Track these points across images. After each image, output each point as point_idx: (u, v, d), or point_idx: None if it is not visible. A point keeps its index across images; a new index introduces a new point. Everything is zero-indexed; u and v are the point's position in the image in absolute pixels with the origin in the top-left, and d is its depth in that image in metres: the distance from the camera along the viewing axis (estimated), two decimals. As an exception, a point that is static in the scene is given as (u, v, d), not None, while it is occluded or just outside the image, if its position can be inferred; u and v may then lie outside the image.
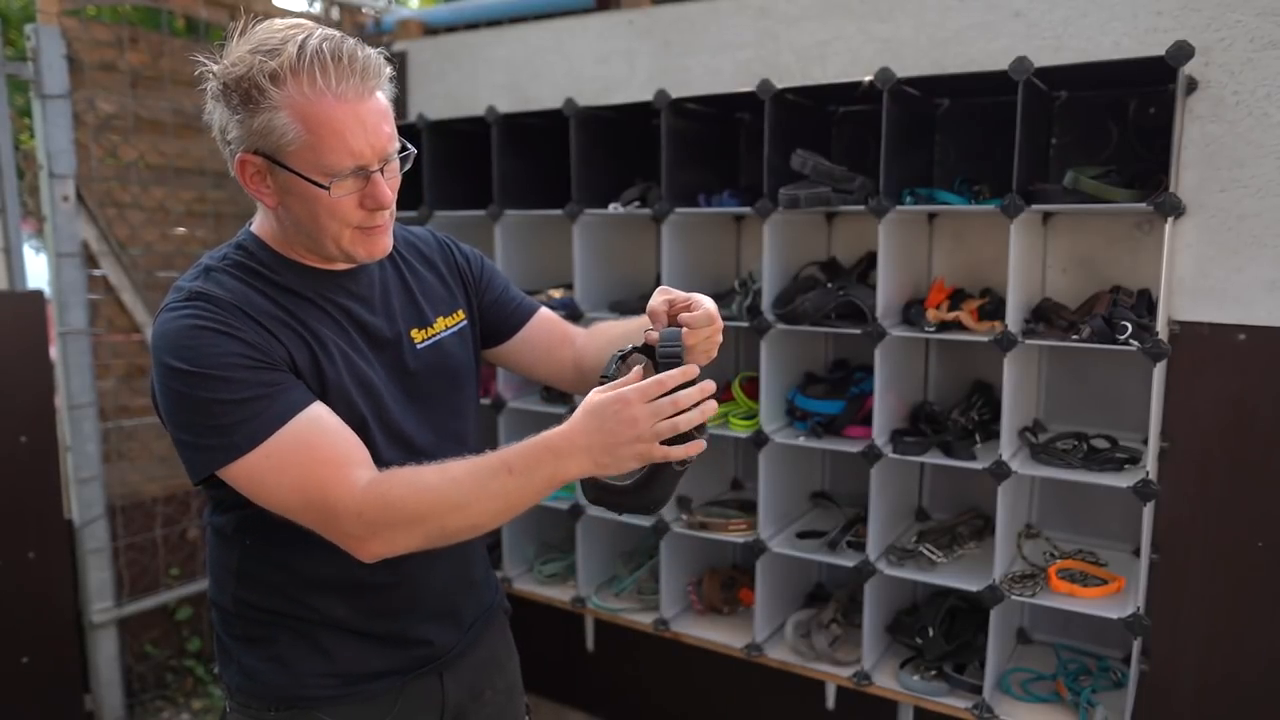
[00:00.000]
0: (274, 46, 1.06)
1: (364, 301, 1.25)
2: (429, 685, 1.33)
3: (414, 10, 3.92)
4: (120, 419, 2.94)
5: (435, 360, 1.31)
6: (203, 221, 3.11)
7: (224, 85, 1.09)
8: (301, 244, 1.19)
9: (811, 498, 2.50)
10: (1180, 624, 1.99)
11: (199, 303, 1.12)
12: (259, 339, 1.11)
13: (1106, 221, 2.09)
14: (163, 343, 1.11)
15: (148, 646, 3.07)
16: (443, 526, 1.10)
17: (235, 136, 1.10)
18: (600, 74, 2.61)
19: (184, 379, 1.08)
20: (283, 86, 1.06)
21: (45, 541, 2.63)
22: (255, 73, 1.06)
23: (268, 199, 1.14)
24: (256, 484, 1.10)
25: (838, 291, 2.11)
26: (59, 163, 2.63)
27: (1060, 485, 2.14)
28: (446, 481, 1.09)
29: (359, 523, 1.08)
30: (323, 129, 1.07)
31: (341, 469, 1.10)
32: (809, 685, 2.32)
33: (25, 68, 2.57)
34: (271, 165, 1.10)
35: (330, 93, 1.07)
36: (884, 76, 1.94)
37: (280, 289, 1.18)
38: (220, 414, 1.07)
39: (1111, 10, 1.96)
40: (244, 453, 1.08)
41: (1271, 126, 1.81)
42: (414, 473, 1.10)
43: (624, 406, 1.05)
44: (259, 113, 1.07)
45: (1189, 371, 1.91)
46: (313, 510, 1.10)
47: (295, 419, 1.09)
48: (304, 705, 1.25)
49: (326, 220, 1.13)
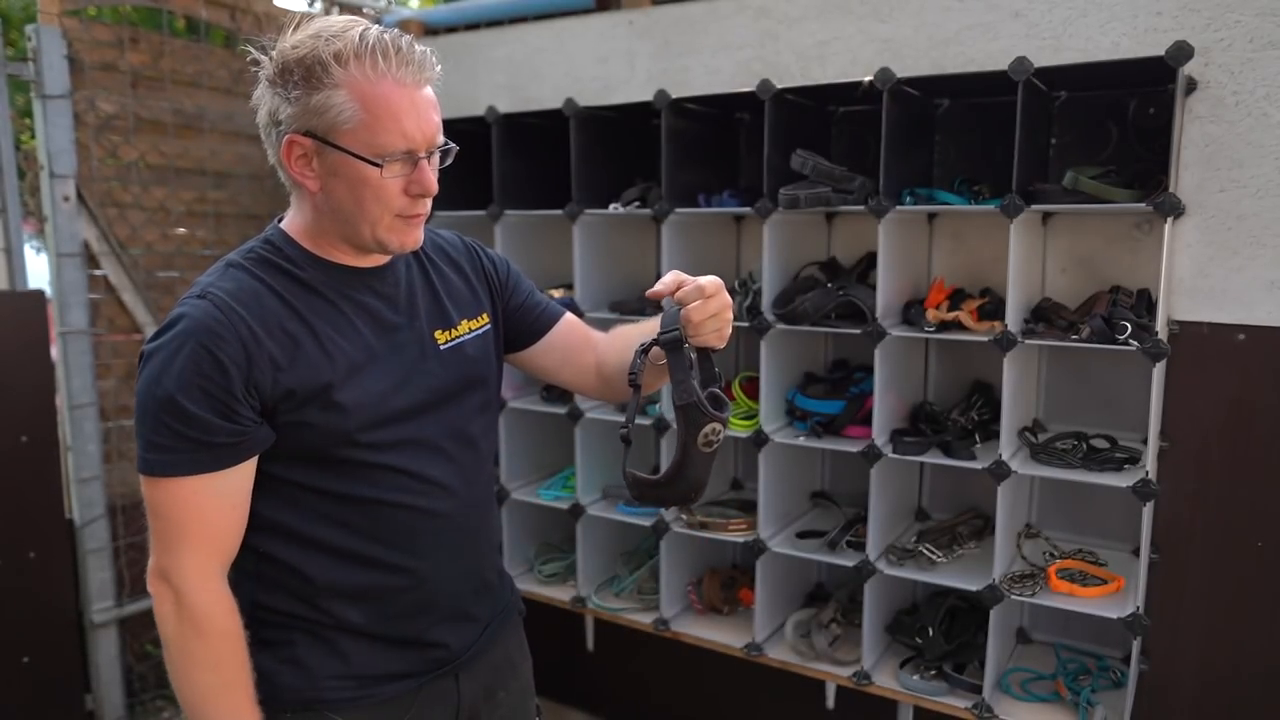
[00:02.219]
0: (336, 32, 1.11)
1: (386, 299, 1.26)
2: (444, 687, 1.33)
3: (414, 10, 3.92)
4: (121, 419, 2.94)
5: (456, 362, 1.31)
6: (203, 222, 3.11)
7: (282, 65, 1.11)
8: (337, 233, 1.20)
9: (811, 498, 2.50)
10: (1180, 624, 1.99)
11: (205, 303, 1.12)
12: (241, 360, 1.11)
13: (1106, 221, 2.09)
14: (160, 332, 1.13)
15: (148, 646, 3.07)
16: (170, 663, 1.19)
17: (288, 116, 1.12)
18: (600, 74, 2.61)
19: (148, 382, 1.11)
20: (345, 66, 1.10)
21: (46, 541, 2.63)
22: (318, 52, 1.09)
23: (311, 183, 1.15)
24: (146, 498, 1.15)
25: (838, 291, 2.11)
26: (60, 163, 2.63)
27: (1060, 485, 2.14)
28: (196, 688, 1.17)
29: (158, 588, 1.15)
30: (379, 109, 1.11)
31: (186, 552, 1.14)
32: (809, 685, 2.32)
33: (26, 68, 2.57)
34: (321, 146, 1.12)
35: (390, 76, 1.11)
36: (884, 76, 1.95)
37: (297, 284, 1.19)
38: (153, 431, 1.11)
39: (1111, 10, 1.96)
40: (149, 475, 1.12)
41: (1271, 126, 1.81)
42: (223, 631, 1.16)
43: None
44: (318, 90, 1.10)
45: (1188, 371, 1.91)
46: (152, 546, 1.15)
47: (206, 483, 1.12)
48: (320, 708, 1.25)
49: (370, 204, 1.15)
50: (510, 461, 2.63)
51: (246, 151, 3.20)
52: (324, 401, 1.17)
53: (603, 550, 2.61)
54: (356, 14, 3.47)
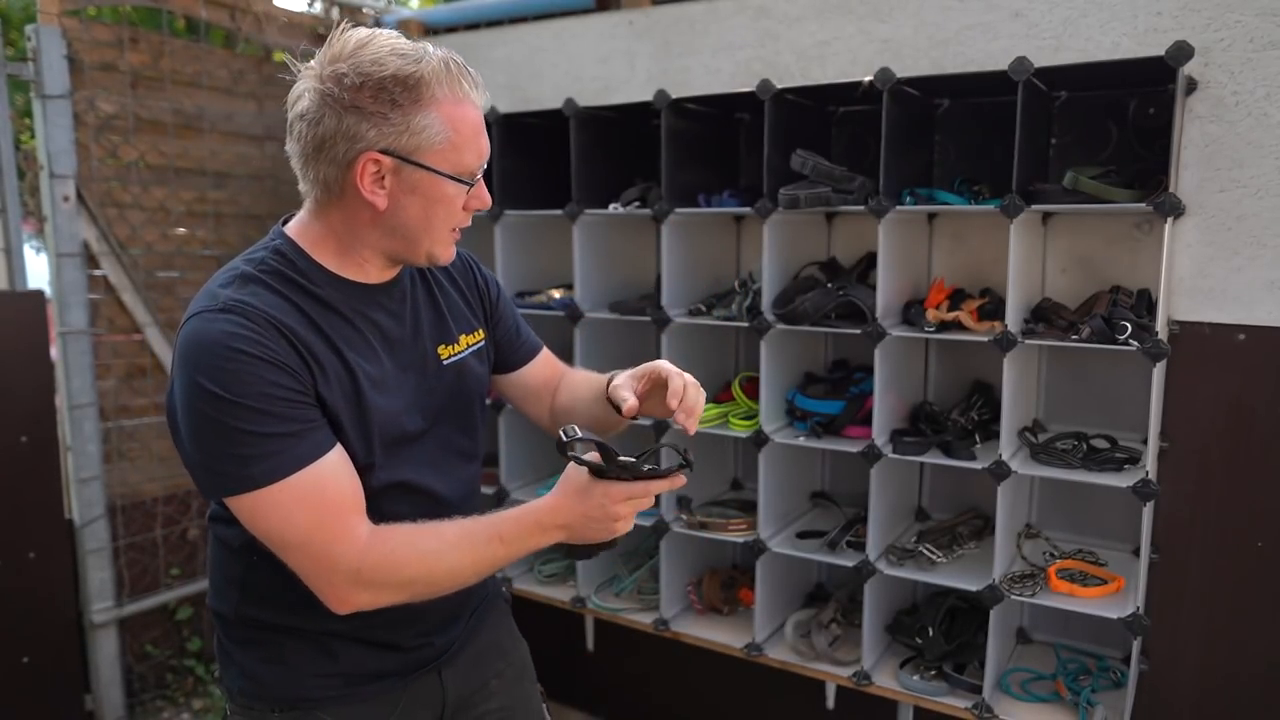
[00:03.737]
0: (408, 51, 1.11)
1: (395, 316, 1.26)
2: (429, 683, 1.35)
3: (414, 10, 3.92)
4: (121, 419, 2.94)
5: (456, 377, 1.33)
6: (203, 222, 3.11)
7: (368, 84, 1.09)
8: (380, 248, 1.20)
9: (811, 498, 2.50)
10: (1180, 624, 1.99)
11: (236, 317, 1.09)
12: (294, 365, 1.11)
13: (1106, 221, 2.09)
14: (194, 355, 1.09)
15: (148, 646, 3.07)
16: (431, 586, 1.16)
17: (369, 135, 1.10)
18: (600, 74, 2.61)
19: (213, 402, 1.06)
20: (437, 87, 1.11)
21: (46, 541, 2.63)
22: (409, 73, 1.10)
23: (379, 200, 1.14)
24: (259, 518, 1.10)
25: (838, 291, 2.11)
26: (59, 163, 2.63)
27: (1060, 485, 2.14)
28: (443, 546, 1.15)
29: (352, 579, 1.11)
30: (465, 129, 1.14)
31: (348, 523, 1.12)
32: (809, 685, 2.32)
33: (26, 68, 2.57)
34: (401, 164, 1.12)
35: (468, 98, 1.15)
36: (884, 77, 1.95)
37: (315, 301, 1.18)
38: (244, 444, 1.07)
39: (1111, 10, 1.96)
40: (259, 487, 1.08)
41: (1271, 126, 1.81)
42: (411, 534, 1.14)
43: (609, 502, 1.16)
44: (411, 111, 1.10)
45: (1188, 371, 1.91)
46: (308, 557, 1.11)
47: (316, 463, 1.10)
48: (306, 706, 1.26)
49: (440, 220, 1.18)
50: (510, 462, 2.63)
51: (246, 151, 3.20)
52: (346, 419, 1.16)
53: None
54: (356, 14, 3.49)
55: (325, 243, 1.20)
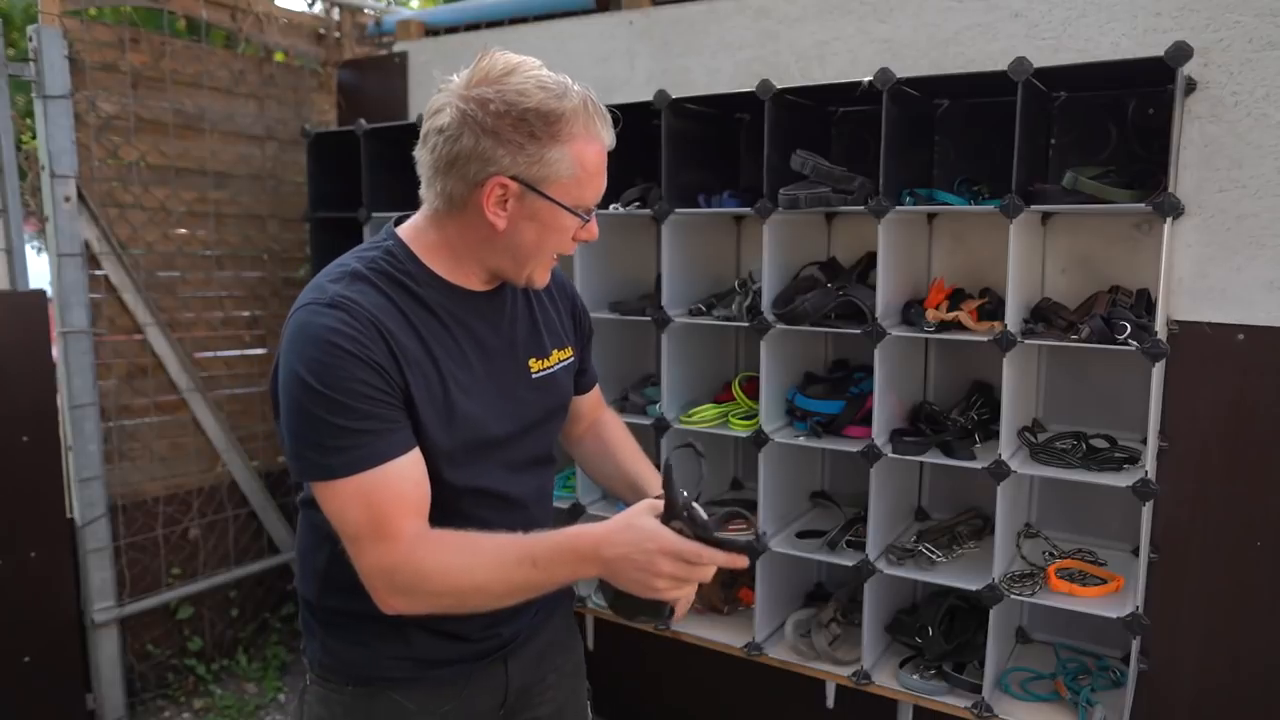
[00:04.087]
0: (552, 86, 1.15)
1: (493, 326, 1.29)
2: (495, 672, 1.39)
3: (414, 11, 3.92)
4: (121, 419, 2.94)
5: (545, 391, 1.36)
6: (204, 222, 3.11)
7: (503, 112, 1.13)
8: (489, 265, 1.25)
9: (811, 497, 2.50)
10: (1179, 623, 2.00)
11: (340, 313, 1.14)
12: (387, 364, 1.15)
13: (1105, 222, 2.09)
14: (298, 345, 1.15)
15: (149, 646, 3.08)
16: (461, 602, 1.18)
17: (503, 160, 1.14)
18: (600, 74, 2.61)
19: (307, 391, 1.12)
20: (573, 125, 1.16)
21: (47, 541, 2.64)
22: (553, 109, 1.14)
23: (499, 221, 1.18)
24: (326, 504, 1.16)
25: (837, 291, 2.12)
26: (60, 163, 2.63)
27: (1059, 485, 2.14)
28: (474, 562, 1.16)
29: (388, 583, 1.15)
30: (591, 168, 1.19)
31: (397, 525, 1.14)
32: (809, 684, 2.32)
33: (27, 68, 2.57)
34: (527, 192, 1.17)
35: (598, 138, 1.19)
36: (883, 77, 1.95)
37: (419, 305, 1.21)
38: (328, 435, 1.12)
39: (1110, 11, 1.96)
40: (334, 478, 1.13)
41: (1270, 127, 1.82)
42: (449, 548, 1.16)
43: (654, 549, 1.11)
44: (547, 145, 1.15)
45: (1188, 371, 1.92)
46: (356, 551, 1.15)
47: (388, 464, 1.14)
48: (380, 684, 1.31)
49: (549, 248, 1.23)
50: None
51: (247, 152, 3.20)
52: (432, 422, 1.20)
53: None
54: (357, 14, 3.49)
55: (439, 250, 1.24)
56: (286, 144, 3.28)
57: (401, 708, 1.31)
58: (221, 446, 3.19)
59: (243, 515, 3.30)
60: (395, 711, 1.31)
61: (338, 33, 3.44)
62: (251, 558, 3.34)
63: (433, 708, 1.33)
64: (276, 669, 3.32)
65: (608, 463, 1.54)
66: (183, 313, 3.09)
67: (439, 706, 1.33)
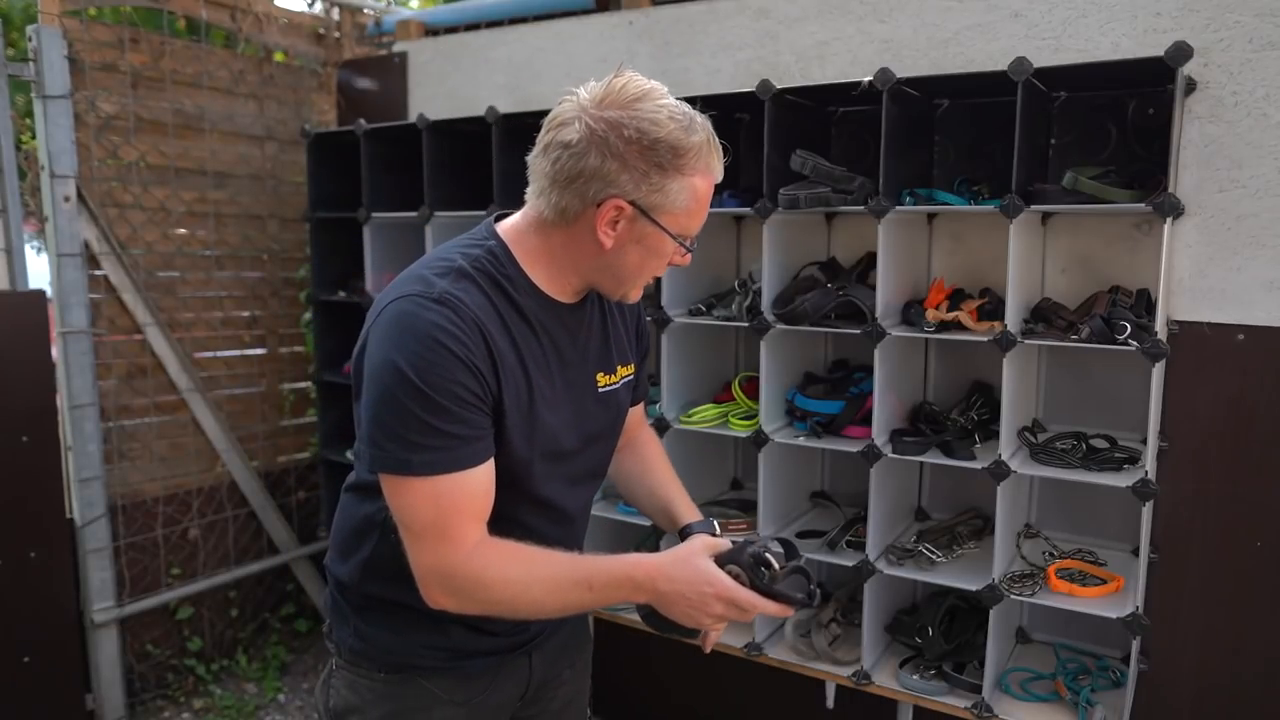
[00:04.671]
0: (681, 118, 1.17)
1: (572, 337, 1.31)
2: (520, 664, 1.43)
3: (414, 11, 3.93)
4: (121, 419, 2.94)
5: (608, 406, 1.38)
6: (203, 222, 3.11)
7: (634, 139, 1.14)
8: (587, 280, 1.27)
9: (811, 498, 2.50)
10: (1179, 623, 2.00)
11: (448, 311, 1.14)
12: (485, 369, 1.16)
13: (1105, 222, 2.09)
14: (397, 336, 1.14)
15: (149, 646, 3.08)
16: (513, 612, 1.22)
17: (625, 184, 1.16)
18: (600, 74, 2.60)
19: (403, 384, 1.12)
20: (696, 159, 1.18)
21: (47, 541, 2.64)
22: (681, 142, 1.16)
23: (607, 240, 1.20)
24: (395, 497, 1.17)
25: (837, 291, 2.12)
26: (60, 163, 2.63)
27: (1059, 485, 2.14)
28: (531, 580, 1.19)
29: (443, 583, 1.18)
30: (701, 201, 1.22)
31: (463, 529, 1.17)
32: (809, 685, 2.32)
33: (27, 68, 2.57)
34: (639, 216, 1.18)
35: (713, 173, 1.22)
36: (883, 77, 1.95)
37: (514, 310, 1.23)
38: (415, 431, 1.13)
39: (1110, 11, 1.96)
40: (413, 475, 1.14)
41: (1270, 127, 1.82)
42: (509, 560, 1.19)
43: (710, 591, 1.17)
44: (670, 176, 1.17)
45: (1188, 371, 1.92)
46: (417, 546, 1.17)
47: (466, 471, 1.16)
48: (410, 672, 1.33)
49: (649, 270, 1.26)
50: None
51: (247, 152, 3.20)
52: (516, 430, 1.22)
53: (603, 549, 2.59)
54: (357, 14, 3.48)
55: (538, 257, 1.25)
56: (286, 144, 3.28)
57: (431, 695, 1.34)
58: (221, 447, 3.19)
59: (242, 515, 3.30)
60: (424, 698, 1.34)
61: (338, 33, 3.44)
62: (251, 558, 3.33)
63: (460, 697, 1.36)
64: (276, 669, 3.32)
65: (643, 482, 1.55)
66: (182, 313, 3.09)
67: (467, 696, 1.36)
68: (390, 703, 1.33)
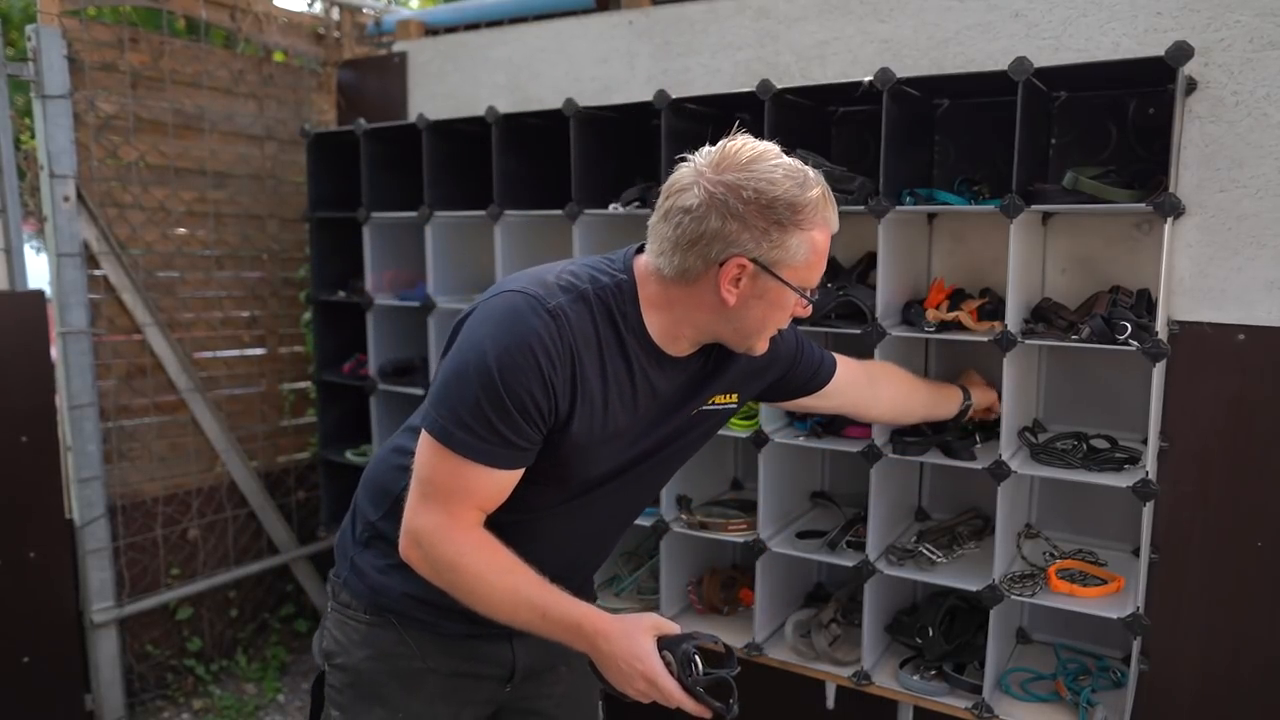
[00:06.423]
0: (795, 174, 1.22)
1: (672, 382, 1.36)
2: (499, 647, 1.47)
3: (414, 10, 3.93)
4: (121, 419, 2.94)
5: (692, 426, 1.44)
6: (203, 222, 3.11)
7: (752, 200, 1.19)
8: (712, 334, 1.32)
9: (811, 498, 2.50)
10: (1180, 623, 1.99)
11: (553, 324, 1.21)
12: (562, 392, 1.23)
13: (1106, 221, 2.09)
14: (499, 325, 1.21)
15: (148, 646, 3.07)
16: (467, 600, 1.27)
17: (746, 243, 1.21)
18: (600, 74, 2.61)
19: (481, 369, 1.19)
20: (813, 214, 1.23)
21: (46, 541, 2.64)
22: (798, 199, 1.21)
23: (730, 297, 1.25)
24: (425, 455, 1.26)
25: (838, 291, 2.11)
26: (60, 163, 2.63)
27: (1060, 485, 2.14)
28: (497, 584, 1.25)
29: (421, 538, 1.25)
30: (820, 253, 1.27)
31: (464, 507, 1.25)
32: (809, 685, 2.32)
33: (26, 68, 2.57)
34: (760, 272, 1.24)
35: (829, 226, 1.27)
36: (883, 77, 1.95)
37: (619, 346, 1.29)
38: (470, 413, 1.20)
39: (1111, 10, 1.96)
40: (448, 447, 1.22)
41: (1271, 127, 1.81)
42: (487, 559, 1.25)
43: (640, 667, 1.22)
44: (789, 232, 1.22)
45: (1188, 371, 1.91)
46: (419, 495, 1.26)
47: (494, 471, 1.24)
48: (389, 616, 1.41)
49: (772, 323, 1.31)
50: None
51: (246, 152, 3.20)
52: (574, 455, 1.29)
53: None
54: (357, 14, 3.48)
55: (658, 307, 1.30)
56: (286, 144, 3.28)
57: (410, 650, 1.41)
58: (221, 447, 3.19)
59: (242, 515, 3.30)
60: (405, 651, 1.42)
61: (337, 33, 3.44)
62: (251, 558, 3.33)
63: (441, 666, 1.43)
64: (276, 669, 3.32)
65: (914, 398, 1.82)
66: (182, 313, 3.09)
67: (450, 668, 1.43)
68: (371, 646, 1.42)
